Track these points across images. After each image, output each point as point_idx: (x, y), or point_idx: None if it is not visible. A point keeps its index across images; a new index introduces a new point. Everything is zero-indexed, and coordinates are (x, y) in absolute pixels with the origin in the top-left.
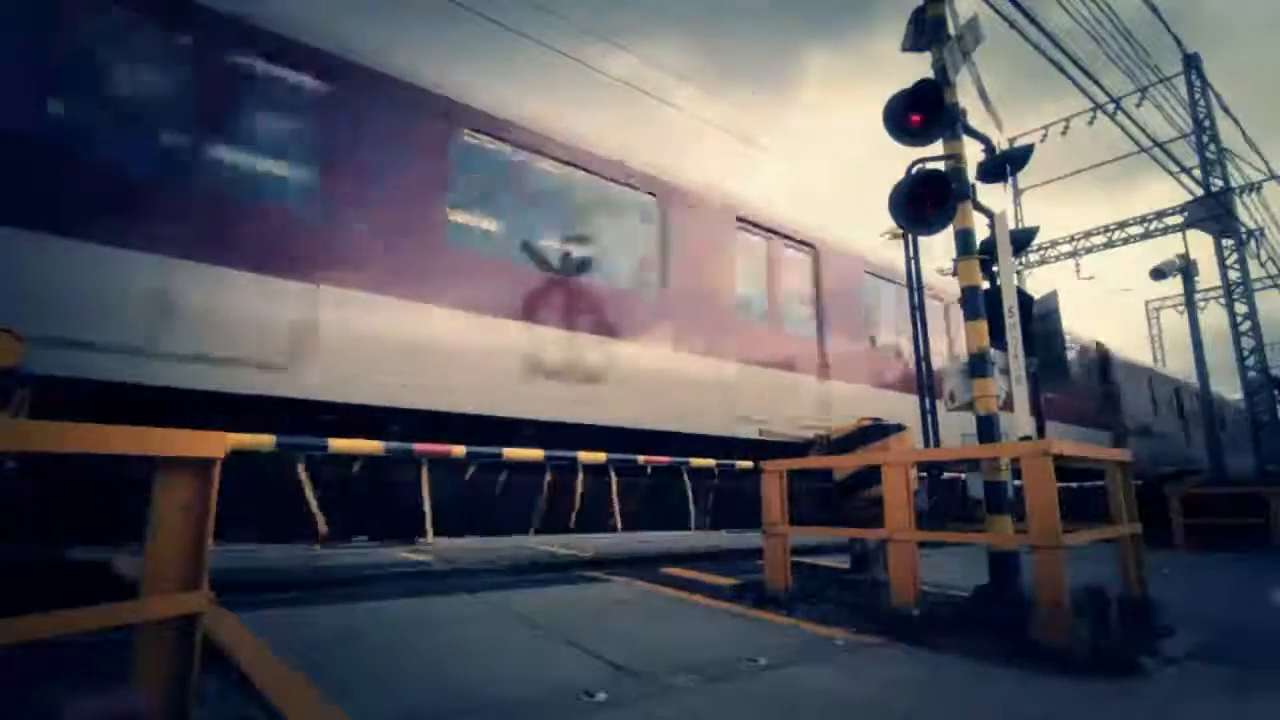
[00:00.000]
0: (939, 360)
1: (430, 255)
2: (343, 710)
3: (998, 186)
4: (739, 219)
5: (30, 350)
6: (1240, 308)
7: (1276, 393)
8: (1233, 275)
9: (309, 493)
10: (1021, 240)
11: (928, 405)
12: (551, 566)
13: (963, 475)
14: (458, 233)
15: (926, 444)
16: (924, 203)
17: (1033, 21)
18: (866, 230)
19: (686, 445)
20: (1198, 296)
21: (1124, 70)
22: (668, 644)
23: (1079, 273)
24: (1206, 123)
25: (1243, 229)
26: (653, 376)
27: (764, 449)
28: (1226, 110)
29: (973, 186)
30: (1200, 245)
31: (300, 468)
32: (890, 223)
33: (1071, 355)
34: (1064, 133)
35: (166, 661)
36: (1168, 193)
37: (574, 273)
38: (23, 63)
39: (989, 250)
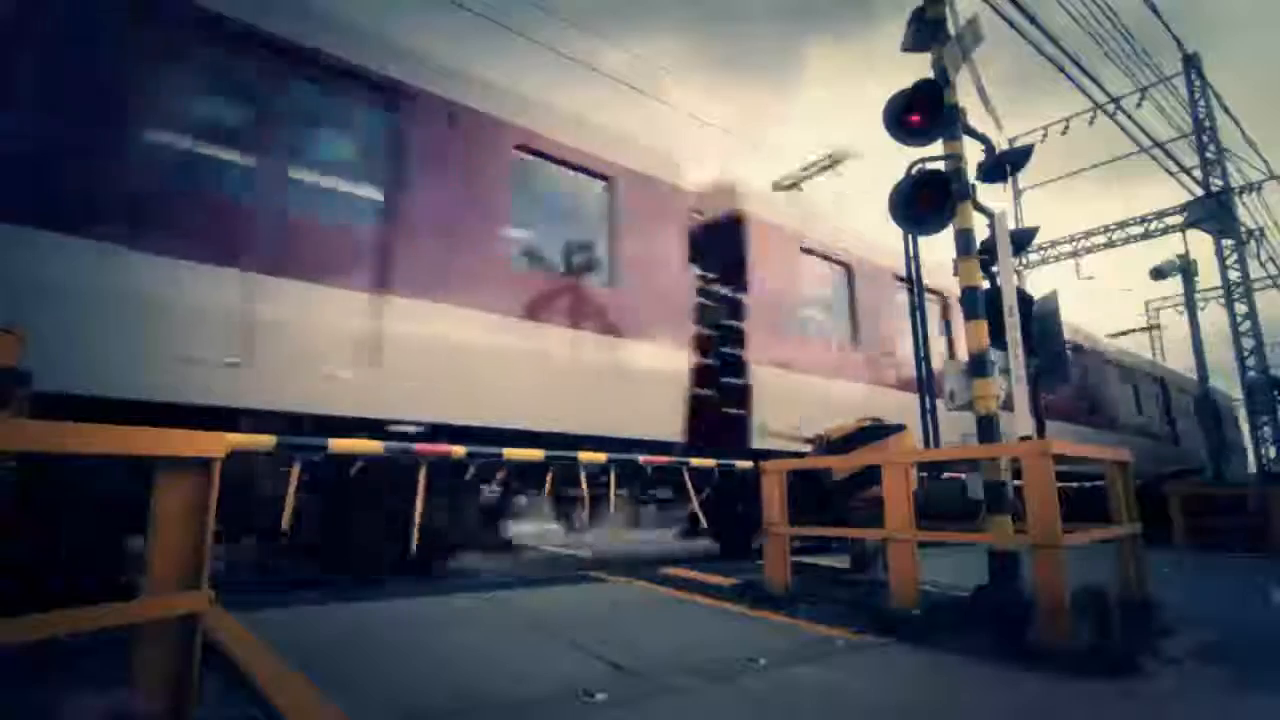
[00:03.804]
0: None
1: None
2: (343, 710)
3: (998, 186)
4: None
5: None
6: (1240, 308)
7: (1277, 393)
8: (1233, 275)
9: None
10: (1021, 240)
11: (928, 404)
12: (551, 566)
13: (963, 475)
14: None
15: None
16: (924, 203)
17: (1033, 21)
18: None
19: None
20: (1198, 296)
21: (1124, 70)
22: (668, 644)
23: (1079, 273)
24: (1206, 123)
25: (1243, 229)
26: None
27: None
28: (1226, 110)
29: (973, 186)
30: (1200, 245)
31: (295, 469)
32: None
33: None
34: (1064, 133)
35: (166, 661)
36: (1168, 193)
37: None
38: None
39: (989, 250)
